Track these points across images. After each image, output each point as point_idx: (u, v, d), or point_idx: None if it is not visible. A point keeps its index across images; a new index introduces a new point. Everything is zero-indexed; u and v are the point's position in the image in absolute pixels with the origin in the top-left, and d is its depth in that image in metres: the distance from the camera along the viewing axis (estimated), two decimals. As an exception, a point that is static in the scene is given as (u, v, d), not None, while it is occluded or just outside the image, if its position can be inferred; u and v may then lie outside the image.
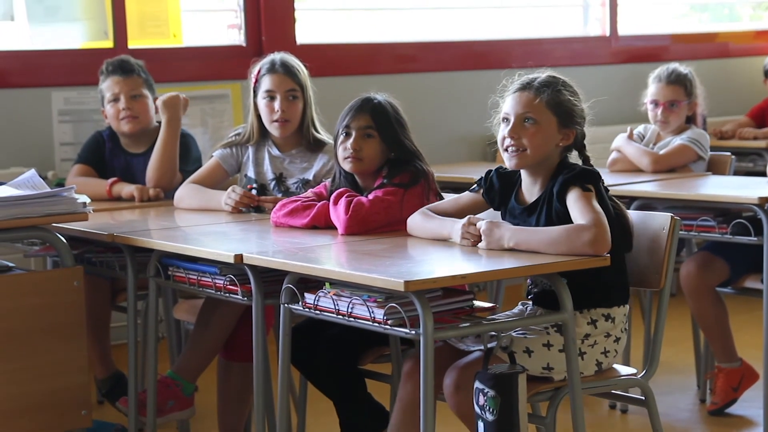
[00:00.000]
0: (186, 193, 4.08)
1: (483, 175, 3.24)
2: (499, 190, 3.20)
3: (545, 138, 3.06)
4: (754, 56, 7.07)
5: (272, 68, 4.01)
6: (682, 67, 4.89)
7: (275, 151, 4.06)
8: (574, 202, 2.97)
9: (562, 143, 3.10)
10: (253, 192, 3.96)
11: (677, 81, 4.82)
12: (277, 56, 4.05)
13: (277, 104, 3.98)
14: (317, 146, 4.03)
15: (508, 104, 3.10)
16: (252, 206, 3.89)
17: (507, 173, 3.19)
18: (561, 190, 3.01)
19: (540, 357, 2.98)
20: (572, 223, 2.94)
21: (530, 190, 3.13)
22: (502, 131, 3.10)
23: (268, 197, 3.92)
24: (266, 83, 4.00)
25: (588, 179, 3.01)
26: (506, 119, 3.10)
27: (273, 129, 4.02)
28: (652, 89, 4.88)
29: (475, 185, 3.25)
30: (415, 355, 3.14)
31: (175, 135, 4.35)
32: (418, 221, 3.23)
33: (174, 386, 3.77)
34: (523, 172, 3.14)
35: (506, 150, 3.08)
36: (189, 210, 4.03)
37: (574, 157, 3.15)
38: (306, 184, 3.97)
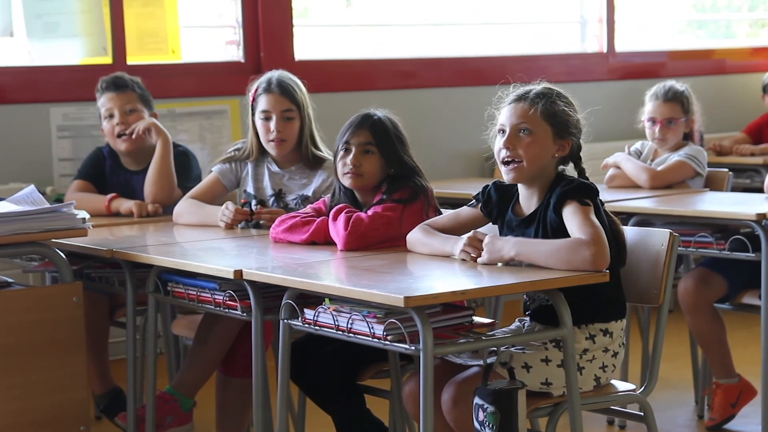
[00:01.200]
0: (185, 208, 4.08)
1: (481, 190, 3.26)
2: (497, 203, 3.20)
3: (541, 149, 3.07)
4: (750, 73, 7.09)
5: (268, 88, 4.00)
6: (679, 84, 4.89)
7: (274, 168, 4.06)
8: (571, 215, 2.98)
9: (558, 154, 3.10)
10: (249, 207, 3.94)
11: (674, 98, 4.83)
12: (274, 75, 4.03)
13: (272, 124, 3.98)
14: (316, 163, 4.03)
15: (504, 115, 3.12)
16: (249, 221, 3.89)
17: (505, 186, 3.20)
18: (558, 202, 3.02)
19: (538, 372, 2.98)
20: (568, 235, 2.95)
21: (527, 202, 3.14)
22: (498, 143, 3.11)
23: (263, 209, 3.90)
24: (262, 103, 4.00)
25: (586, 193, 3.02)
26: (502, 130, 3.12)
27: (270, 148, 4.02)
28: (649, 107, 4.88)
29: (474, 200, 3.27)
30: (414, 376, 3.14)
31: (168, 149, 4.35)
32: (419, 237, 3.24)
33: (173, 402, 3.77)
34: (520, 185, 3.15)
35: (503, 163, 3.10)
36: (188, 225, 4.03)
37: (570, 170, 3.16)
38: (305, 200, 3.96)
